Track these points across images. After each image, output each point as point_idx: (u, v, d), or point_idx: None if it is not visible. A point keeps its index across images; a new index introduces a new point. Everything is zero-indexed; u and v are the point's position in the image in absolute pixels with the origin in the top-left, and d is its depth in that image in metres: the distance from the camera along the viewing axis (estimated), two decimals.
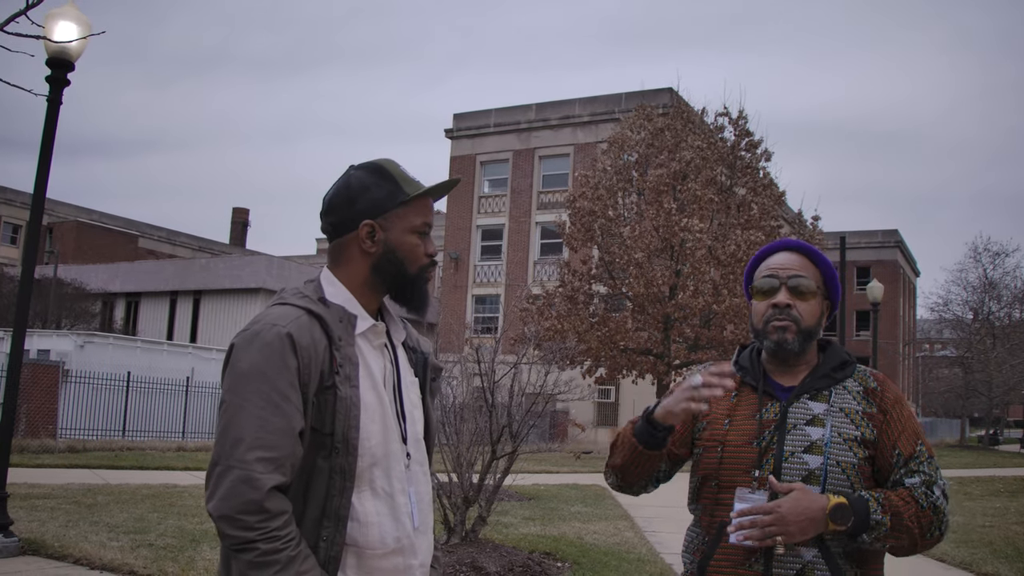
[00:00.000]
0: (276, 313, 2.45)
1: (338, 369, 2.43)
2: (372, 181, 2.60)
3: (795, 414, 2.78)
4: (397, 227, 2.60)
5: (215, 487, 2.28)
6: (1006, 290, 69.28)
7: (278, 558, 2.24)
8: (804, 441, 2.73)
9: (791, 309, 2.84)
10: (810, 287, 2.89)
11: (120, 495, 14.25)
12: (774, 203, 37.30)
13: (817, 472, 2.69)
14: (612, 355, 35.84)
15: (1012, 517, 17.42)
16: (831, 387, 2.84)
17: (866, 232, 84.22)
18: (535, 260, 54.68)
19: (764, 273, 2.93)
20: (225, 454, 2.28)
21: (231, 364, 2.39)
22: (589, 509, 15.72)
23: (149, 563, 9.07)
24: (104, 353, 31.81)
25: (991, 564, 11.48)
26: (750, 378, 2.92)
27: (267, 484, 2.25)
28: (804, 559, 2.64)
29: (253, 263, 47.45)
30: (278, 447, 2.29)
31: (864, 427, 2.76)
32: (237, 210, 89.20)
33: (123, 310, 51.63)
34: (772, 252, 3.01)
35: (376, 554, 2.46)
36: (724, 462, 2.79)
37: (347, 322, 2.52)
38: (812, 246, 2.98)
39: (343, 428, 2.41)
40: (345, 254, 2.62)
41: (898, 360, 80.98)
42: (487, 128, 57.64)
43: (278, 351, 2.35)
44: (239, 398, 2.32)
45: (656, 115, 39.24)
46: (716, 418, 2.89)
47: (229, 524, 2.24)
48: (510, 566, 9.31)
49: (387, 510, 2.50)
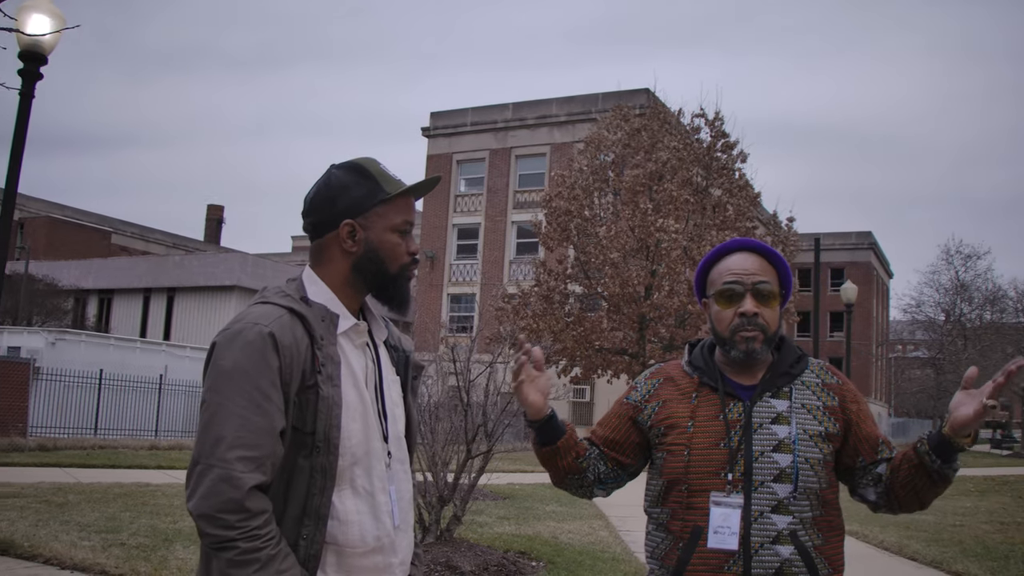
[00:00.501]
0: (258, 312, 2.45)
1: (320, 368, 2.42)
2: (352, 180, 2.59)
3: (760, 413, 2.78)
4: (377, 226, 2.59)
5: (195, 485, 2.26)
6: (977, 292, 69.97)
7: (258, 556, 2.23)
8: (772, 440, 2.74)
9: (758, 317, 2.82)
10: (773, 292, 2.88)
11: (91, 494, 14.14)
12: (749, 204, 37.43)
13: (788, 470, 2.70)
14: (587, 355, 35.88)
15: (982, 516, 17.55)
16: (791, 384, 2.85)
17: (840, 234, 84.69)
18: (511, 259, 54.70)
19: (727, 277, 2.88)
20: (206, 453, 2.27)
21: (213, 362, 2.39)
22: (564, 508, 15.72)
23: (121, 563, 8.98)
24: (76, 350, 31.61)
25: (961, 563, 11.55)
26: (708, 378, 2.90)
27: (248, 483, 2.24)
28: (782, 556, 2.65)
29: (228, 261, 47.24)
30: (259, 446, 2.28)
31: (827, 422, 2.79)
32: (212, 207, 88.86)
33: (96, 307, 51.33)
34: (728, 252, 2.97)
35: (356, 552, 2.46)
36: (692, 465, 2.78)
37: (329, 321, 2.51)
38: (766, 245, 2.95)
39: (325, 427, 2.40)
40: (326, 253, 2.61)
41: (871, 361, 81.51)
42: (464, 127, 57.64)
43: (260, 350, 2.34)
44: (221, 396, 2.32)
45: (633, 115, 39.29)
46: (678, 421, 2.86)
47: (209, 523, 2.23)
48: (485, 565, 9.29)
49: (367, 509, 2.49)
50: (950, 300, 69.74)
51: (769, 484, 2.69)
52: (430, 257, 56.19)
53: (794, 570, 2.64)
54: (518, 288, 39.47)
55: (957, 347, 64.97)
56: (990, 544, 13.50)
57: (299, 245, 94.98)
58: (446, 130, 58.23)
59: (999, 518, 17.40)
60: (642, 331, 35.87)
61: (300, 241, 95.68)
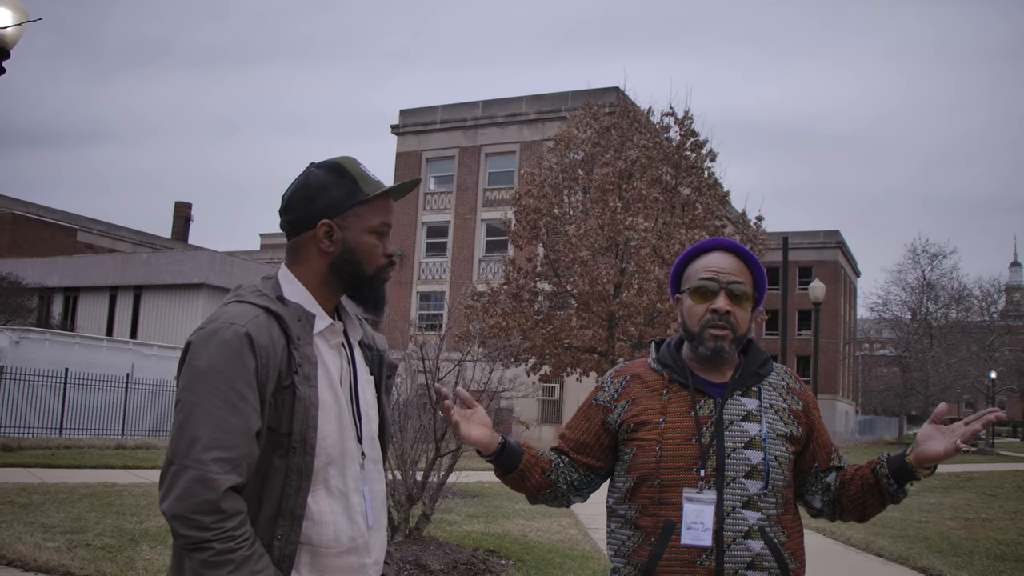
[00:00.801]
0: (234, 311, 2.42)
1: (296, 369, 2.41)
2: (331, 180, 2.57)
3: (731, 410, 2.82)
4: (355, 227, 2.58)
5: (170, 486, 2.25)
6: (943, 291, 70.51)
7: (232, 558, 2.22)
8: (743, 437, 2.77)
9: (730, 315, 2.85)
10: (747, 293, 2.91)
11: (57, 494, 14.02)
12: (718, 203, 37.59)
13: (759, 467, 2.74)
14: (556, 353, 35.93)
15: (947, 512, 17.70)
16: (759, 384, 2.89)
17: (808, 232, 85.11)
18: (480, 257, 54.69)
19: (703, 274, 2.91)
20: (180, 453, 2.25)
21: (188, 362, 2.36)
22: (533, 507, 15.67)
23: (86, 564, 8.91)
24: (41, 349, 31.29)
25: (926, 558, 11.64)
26: (678, 375, 2.92)
27: (223, 484, 2.23)
28: (753, 551, 2.68)
29: (195, 258, 46.92)
30: (235, 447, 2.27)
31: (791, 425, 2.85)
32: (179, 204, 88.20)
33: (61, 305, 50.87)
34: (706, 251, 3.00)
35: (331, 552, 2.45)
36: (663, 460, 2.79)
37: (305, 321, 2.50)
38: (745, 247, 2.98)
39: (301, 428, 2.39)
40: (303, 253, 2.59)
41: (839, 359, 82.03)
42: (433, 124, 57.57)
43: (236, 350, 2.32)
44: (196, 397, 2.29)
45: (602, 114, 39.37)
46: (650, 417, 2.87)
47: (183, 524, 2.22)
48: (454, 564, 9.28)
49: (341, 509, 2.49)
50: (916, 299, 70.21)
51: (741, 480, 2.72)
52: (399, 255, 56.07)
53: (765, 564, 2.68)
54: (487, 286, 39.47)
55: (923, 345, 65.46)
56: (955, 540, 13.62)
57: (268, 243, 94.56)
58: (416, 128, 58.14)
59: (964, 514, 17.55)
60: (611, 329, 35.95)
61: (269, 239, 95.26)
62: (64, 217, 68.42)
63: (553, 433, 47.75)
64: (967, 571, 10.93)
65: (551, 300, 38.08)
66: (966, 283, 75.30)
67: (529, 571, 9.62)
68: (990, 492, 23.56)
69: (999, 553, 12.48)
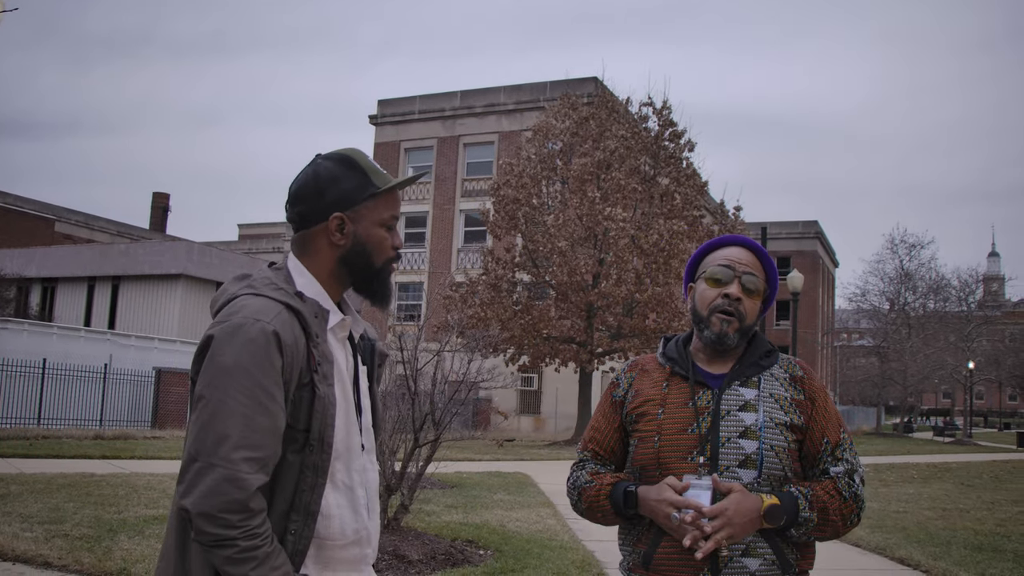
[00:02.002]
0: (256, 306, 2.39)
1: (316, 368, 2.40)
2: (341, 172, 2.56)
3: (728, 400, 2.84)
4: (366, 220, 2.57)
5: (194, 483, 2.23)
6: (921, 281, 70.95)
7: (256, 555, 2.22)
8: (739, 426, 2.79)
9: (740, 304, 2.90)
10: (758, 287, 2.96)
11: (34, 484, 13.96)
12: (697, 193, 37.66)
13: (753, 456, 2.76)
14: (535, 343, 35.97)
15: (924, 503, 17.80)
16: (759, 374, 2.91)
17: (787, 223, 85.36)
18: (459, 248, 54.67)
19: (720, 262, 2.96)
20: (207, 451, 2.23)
21: (211, 357, 2.32)
22: (512, 497, 15.75)
23: (64, 554, 8.88)
24: (19, 339, 31.14)
25: (904, 548, 11.71)
26: (679, 367, 2.96)
27: (254, 484, 2.23)
28: (747, 540, 2.70)
29: (174, 249, 46.74)
30: (263, 447, 2.27)
31: (792, 413, 2.85)
32: (157, 195, 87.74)
33: (39, 295, 50.61)
34: (725, 245, 3.05)
35: (336, 545, 2.46)
36: (661, 450, 2.83)
37: (322, 317, 2.49)
38: (762, 247, 3.04)
39: (320, 426, 2.39)
40: (313, 245, 2.58)
41: (817, 349, 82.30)
42: (412, 115, 57.48)
43: (263, 348, 2.30)
44: (222, 394, 2.27)
45: (581, 104, 39.39)
46: (649, 408, 2.92)
47: (209, 522, 2.20)
48: (432, 554, 9.29)
49: (347, 502, 2.49)
50: (895, 289, 70.62)
51: (734, 469, 2.75)
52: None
53: (759, 551, 2.71)
54: (466, 276, 39.51)
55: (901, 335, 65.75)
56: (932, 530, 13.70)
57: (246, 233, 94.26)
58: (394, 118, 58.04)
59: (941, 504, 17.65)
60: (590, 319, 36.02)
61: (247, 229, 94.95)
62: (42, 208, 67.99)
63: (531, 423, 47.84)
64: (944, 561, 10.99)
65: (530, 290, 38.13)
66: (944, 273, 75.94)
67: (507, 561, 9.63)
68: (967, 482, 23.69)
69: (976, 543, 12.55)
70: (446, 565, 9.14)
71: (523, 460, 26.50)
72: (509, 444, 33.55)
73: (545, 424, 48.32)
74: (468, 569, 9.08)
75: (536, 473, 21.23)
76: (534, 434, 44.43)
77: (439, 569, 8.97)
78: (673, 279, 34.81)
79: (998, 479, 25.33)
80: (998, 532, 13.77)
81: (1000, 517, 15.76)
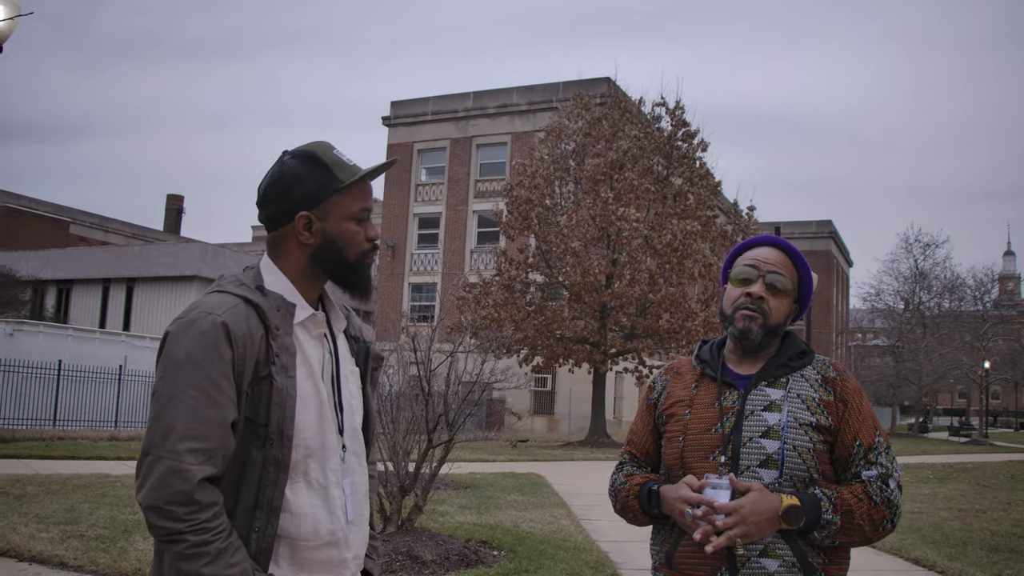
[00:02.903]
0: (212, 301, 2.40)
1: (274, 359, 2.39)
2: (305, 170, 2.52)
3: (753, 401, 2.84)
4: (334, 216, 2.54)
5: (144, 477, 2.24)
6: (936, 280, 70.65)
7: (207, 550, 2.20)
8: (761, 426, 2.78)
9: (763, 302, 2.90)
10: (786, 286, 2.95)
11: (50, 485, 14.02)
12: (710, 193, 37.59)
13: (775, 456, 2.74)
14: (549, 344, 35.95)
15: (940, 503, 17.73)
16: (788, 375, 2.89)
17: (800, 222, 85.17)
18: (472, 248, 54.67)
19: (746, 262, 2.98)
20: (155, 444, 2.24)
21: (165, 352, 2.34)
22: (525, 497, 15.74)
23: (80, 554, 8.92)
24: (35, 341, 31.26)
25: (919, 549, 11.66)
26: (710, 369, 2.97)
27: (197, 475, 2.21)
28: (765, 540, 2.69)
29: (188, 250, 46.91)
30: (209, 438, 2.25)
31: (819, 414, 2.81)
32: (171, 197, 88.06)
33: (54, 298, 50.82)
34: (756, 245, 3.06)
35: (310, 546, 2.44)
36: (686, 450, 2.85)
37: (285, 311, 2.47)
38: (798, 251, 3.03)
39: (278, 419, 2.37)
40: (283, 245, 2.56)
41: (831, 349, 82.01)
42: (424, 116, 57.51)
43: (212, 340, 2.30)
44: (171, 387, 2.28)
45: (593, 104, 39.37)
46: (677, 410, 2.95)
47: (157, 515, 2.21)
48: (446, 555, 9.28)
49: (321, 502, 2.46)
50: (909, 288, 70.39)
51: (755, 468, 2.74)
52: (391, 246, 56.03)
53: (778, 552, 2.69)
54: (479, 277, 39.50)
55: (916, 335, 65.53)
56: (948, 531, 13.65)
57: (259, 235, 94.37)
58: (407, 119, 58.07)
59: (957, 505, 17.59)
60: (603, 320, 36.00)
61: (260, 231, 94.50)
62: (57, 210, 68.26)
63: (545, 424, 47.84)
64: (960, 562, 10.94)
65: (543, 291, 38.12)
66: (959, 272, 75.53)
67: (521, 562, 9.63)
68: (984, 483, 23.59)
69: (993, 544, 12.50)
70: (460, 566, 9.14)
71: (537, 461, 26.49)
72: (523, 445, 33.56)
73: (559, 424, 48.31)
74: (482, 570, 9.08)
75: (550, 474, 21.23)
76: (548, 434, 44.41)
77: (453, 570, 8.97)
78: (687, 279, 34.79)
79: (1015, 479, 25.23)
80: (1015, 533, 13.71)
81: (1017, 517, 15.69)
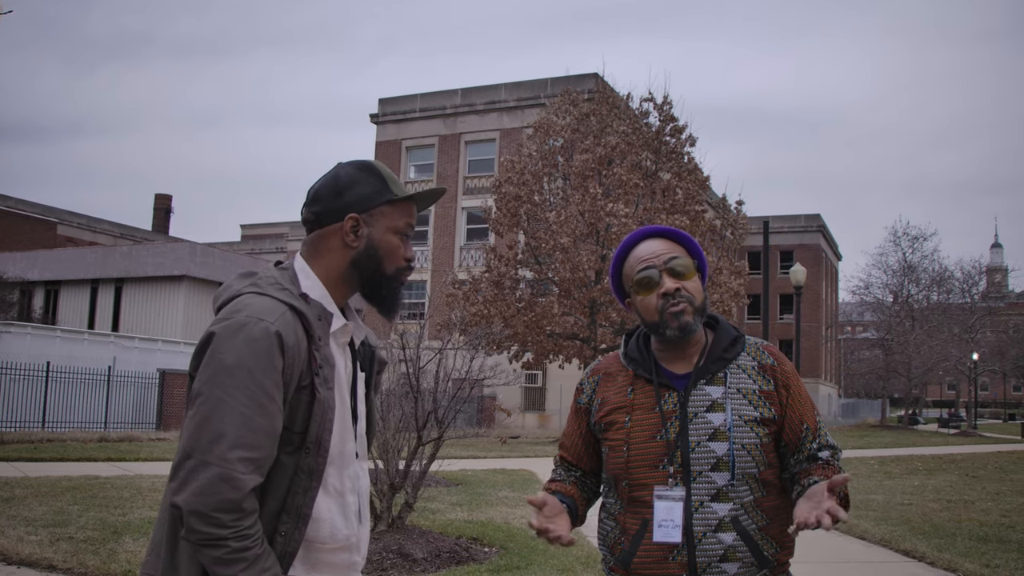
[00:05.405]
0: (260, 305, 2.37)
1: (317, 371, 2.39)
2: (361, 176, 2.57)
3: (695, 402, 2.78)
4: (381, 224, 2.58)
5: (187, 480, 2.21)
6: (924, 273, 70.77)
7: (246, 556, 2.21)
8: (707, 429, 2.74)
9: (680, 291, 2.81)
10: (688, 266, 2.86)
11: (39, 488, 13.97)
12: (698, 188, 37.65)
13: (725, 458, 2.71)
14: (538, 340, 35.98)
15: (929, 495, 17.79)
16: (725, 368, 2.84)
17: (789, 216, 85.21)
18: (461, 245, 54.70)
19: (640, 266, 2.87)
20: (202, 448, 2.22)
21: (211, 354, 2.31)
22: (516, 494, 15.74)
23: (69, 557, 8.89)
24: (22, 343, 31.13)
25: (909, 541, 11.70)
26: (643, 370, 2.90)
27: (248, 485, 2.21)
28: (725, 543, 2.67)
29: (176, 250, 46.76)
30: (260, 448, 2.25)
31: (763, 407, 2.79)
32: (159, 196, 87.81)
33: (42, 299, 50.64)
34: (632, 246, 2.97)
35: (325, 548, 2.46)
36: (631, 460, 2.79)
37: (325, 320, 2.48)
38: (671, 228, 2.96)
39: (318, 430, 2.38)
40: (325, 245, 2.57)
41: (820, 343, 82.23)
42: (413, 113, 57.50)
43: (266, 349, 2.29)
44: (221, 392, 2.25)
45: (581, 100, 39.39)
46: (616, 417, 2.87)
47: (201, 520, 2.19)
48: (437, 552, 9.29)
49: (338, 508, 2.48)
50: (898, 281, 70.47)
51: (707, 473, 2.70)
52: None
53: (738, 555, 2.66)
54: (468, 274, 39.51)
55: (905, 328, 65.63)
56: (937, 522, 13.69)
57: (248, 234, 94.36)
58: (395, 116, 58.07)
59: (946, 496, 17.64)
60: (593, 316, 36.03)
61: (249, 230, 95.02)
62: (44, 211, 68.04)
63: (536, 420, 47.83)
64: (949, 553, 10.98)
65: (532, 287, 38.13)
66: (947, 265, 75.65)
67: (512, 558, 9.63)
68: (972, 474, 23.70)
69: (981, 534, 12.54)
70: (451, 563, 9.14)
71: (527, 457, 26.48)
72: (513, 441, 33.58)
73: (550, 421, 48.33)
74: (473, 567, 9.08)
75: (541, 470, 21.22)
76: (538, 431, 44.39)
77: (444, 567, 8.97)
78: None
79: (1003, 470, 25.33)
80: (1003, 523, 13.77)
81: (1005, 508, 15.75)
